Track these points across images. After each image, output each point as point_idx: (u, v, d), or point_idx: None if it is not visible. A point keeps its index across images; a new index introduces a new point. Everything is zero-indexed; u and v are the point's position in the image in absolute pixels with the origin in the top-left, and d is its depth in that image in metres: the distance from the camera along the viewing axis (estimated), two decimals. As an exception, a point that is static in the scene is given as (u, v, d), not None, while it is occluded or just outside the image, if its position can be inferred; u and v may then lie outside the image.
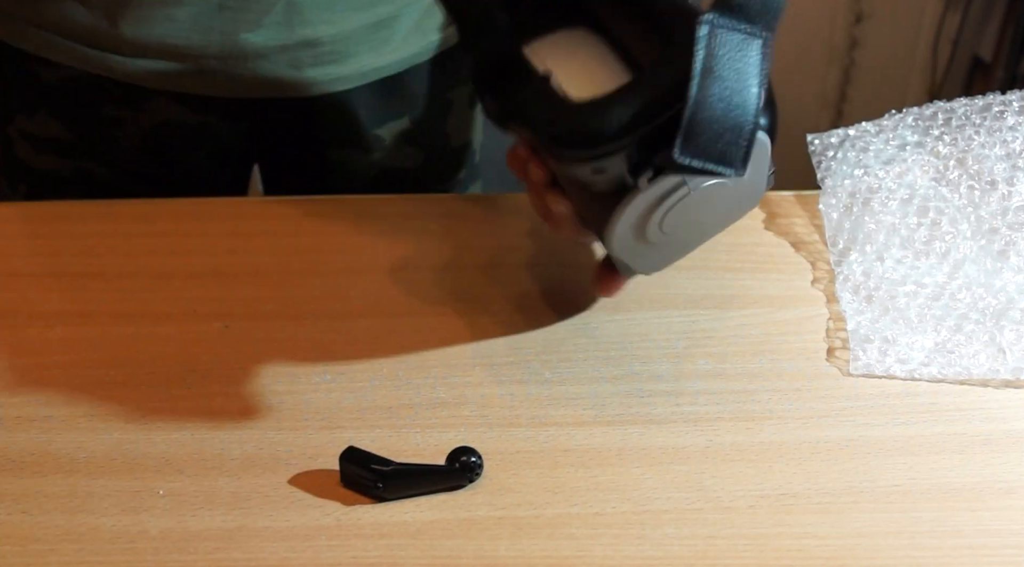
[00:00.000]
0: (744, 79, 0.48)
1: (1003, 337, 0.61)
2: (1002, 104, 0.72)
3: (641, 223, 0.55)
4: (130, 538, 0.50)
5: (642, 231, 0.55)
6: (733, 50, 0.48)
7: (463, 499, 0.52)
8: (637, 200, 0.53)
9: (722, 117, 0.47)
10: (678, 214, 0.54)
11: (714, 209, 0.56)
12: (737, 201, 0.57)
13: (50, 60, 0.75)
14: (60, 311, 0.63)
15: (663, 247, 0.57)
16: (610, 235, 0.55)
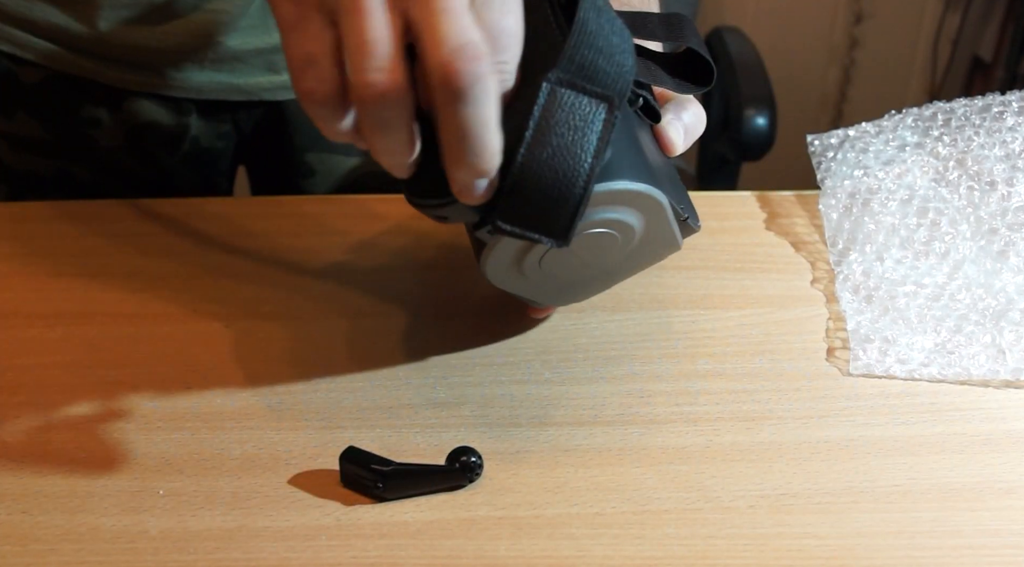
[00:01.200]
0: (580, 145, 0.45)
1: (1003, 338, 0.61)
2: (1002, 105, 0.72)
3: (515, 265, 0.54)
4: (130, 538, 0.50)
5: (519, 271, 0.54)
6: (574, 113, 0.45)
7: (463, 499, 0.52)
8: (496, 250, 0.52)
9: (549, 185, 0.45)
10: (555, 260, 0.53)
11: (606, 255, 0.54)
12: (640, 248, 0.55)
13: (28, 61, 0.75)
14: (60, 311, 0.63)
15: (556, 284, 0.56)
16: (484, 274, 0.54)
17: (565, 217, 0.46)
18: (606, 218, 0.51)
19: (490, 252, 0.53)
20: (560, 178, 0.45)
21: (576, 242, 0.52)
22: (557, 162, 0.45)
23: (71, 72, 0.76)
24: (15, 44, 0.75)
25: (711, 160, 1.44)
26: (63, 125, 0.79)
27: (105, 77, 0.76)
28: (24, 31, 0.74)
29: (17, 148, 0.80)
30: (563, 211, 0.46)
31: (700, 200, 0.74)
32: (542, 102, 0.45)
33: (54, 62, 0.75)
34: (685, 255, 0.69)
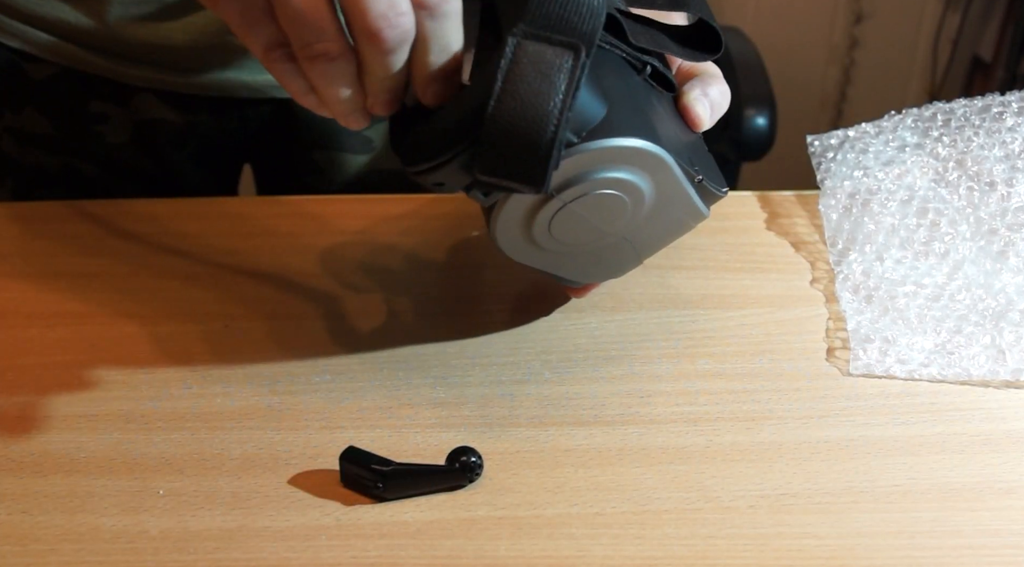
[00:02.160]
0: (548, 93, 0.46)
1: (1003, 339, 0.61)
2: (1001, 105, 0.72)
3: (526, 232, 0.54)
4: (130, 538, 0.50)
5: (532, 240, 0.55)
6: (540, 62, 0.46)
7: (463, 499, 0.52)
8: (501, 216, 0.53)
9: (520, 133, 0.46)
10: (567, 224, 0.54)
11: (623, 223, 0.54)
12: (659, 214, 0.55)
13: (36, 56, 0.75)
14: (60, 311, 0.63)
15: (575, 255, 0.57)
16: (496, 244, 0.55)
17: (538, 162, 0.47)
18: (608, 177, 0.51)
19: (496, 218, 0.53)
20: (530, 125, 0.46)
21: (582, 204, 0.52)
22: (526, 110, 0.46)
23: (79, 68, 0.76)
24: (24, 40, 0.75)
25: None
26: (70, 121, 0.79)
27: (113, 73, 0.76)
28: (33, 27, 0.74)
29: (24, 143, 0.80)
30: (535, 156, 0.47)
31: (700, 200, 0.74)
32: (509, 55, 0.46)
33: (62, 58, 0.75)
34: (685, 255, 0.69)
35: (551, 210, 0.53)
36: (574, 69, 0.46)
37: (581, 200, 0.52)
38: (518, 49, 0.46)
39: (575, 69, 0.46)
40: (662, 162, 0.52)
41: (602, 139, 0.50)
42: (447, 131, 0.48)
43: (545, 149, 0.46)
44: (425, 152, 0.49)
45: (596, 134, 0.50)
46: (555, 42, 0.46)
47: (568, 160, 0.50)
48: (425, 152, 0.49)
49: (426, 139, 0.49)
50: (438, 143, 0.48)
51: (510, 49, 0.46)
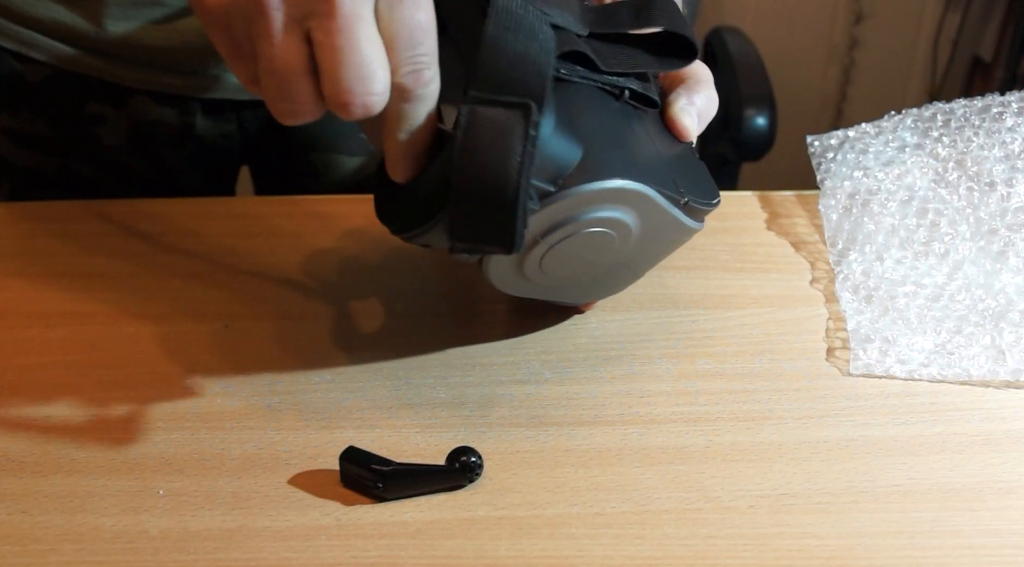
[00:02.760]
0: (504, 156, 0.46)
1: (1003, 339, 0.61)
2: (1001, 105, 0.72)
3: (517, 273, 0.55)
4: (130, 538, 0.50)
5: (523, 276, 0.55)
6: (492, 127, 0.46)
7: (463, 499, 0.52)
8: (491, 264, 0.54)
9: (484, 200, 0.47)
10: (555, 262, 0.54)
11: (609, 252, 0.55)
12: (650, 239, 0.56)
13: (33, 58, 0.75)
14: (60, 311, 0.63)
15: (570, 284, 0.57)
16: (490, 283, 0.56)
17: (507, 226, 0.47)
18: (593, 217, 0.52)
19: (487, 266, 0.55)
20: (492, 190, 0.47)
21: (569, 244, 0.53)
22: (487, 176, 0.46)
23: (76, 70, 0.76)
24: (20, 42, 0.75)
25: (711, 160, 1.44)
26: (67, 123, 0.79)
27: (110, 75, 0.76)
28: (30, 29, 0.74)
29: (21, 145, 0.80)
30: (503, 220, 0.47)
31: (700, 200, 0.74)
32: (463, 124, 0.46)
33: (59, 60, 0.75)
34: (685, 255, 0.69)
35: (539, 253, 0.53)
36: (527, 128, 0.46)
37: (568, 240, 0.53)
38: (471, 116, 0.46)
39: (527, 127, 0.46)
40: (644, 197, 0.52)
41: (581, 185, 0.50)
42: (423, 201, 0.49)
43: (510, 211, 0.47)
44: (406, 222, 0.51)
45: (575, 179, 0.50)
46: (504, 104, 0.46)
47: (549, 208, 0.50)
48: (406, 222, 0.51)
49: (405, 209, 0.51)
50: (416, 213, 0.50)
51: (464, 118, 0.46)
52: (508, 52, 0.47)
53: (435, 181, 0.49)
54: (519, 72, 0.47)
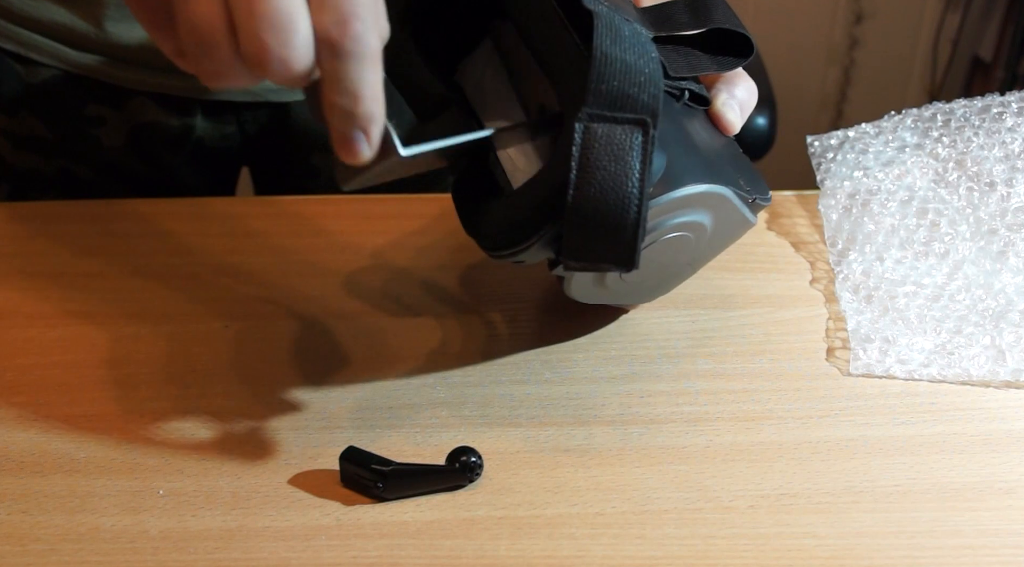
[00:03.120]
0: (624, 173, 0.46)
1: (1003, 339, 0.61)
2: (1001, 105, 0.72)
3: (597, 285, 0.56)
4: (130, 538, 0.50)
5: (602, 286, 0.56)
6: (611, 144, 0.46)
7: (463, 499, 0.52)
8: (575, 279, 0.55)
9: (603, 218, 0.47)
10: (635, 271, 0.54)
11: (681, 254, 0.56)
12: (716, 238, 0.57)
13: (32, 59, 0.75)
14: (60, 311, 0.63)
15: (640, 287, 0.58)
16: (571, 295, 0.56)
17: (627, 244, 0.48)
18: (675, 223, 0.53)
19: (570, 282, 0.55)
20: (612, 209, 0.47)
21: (651, 250, 0.53)
22: (606, 195, 0.46)
23: (75, 71, 0.76)
24: (19, 42, 0.75)
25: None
26: (66, 124, 0.79)
27: (110, 76, 0.76)
28: (28, 30, 0.74)
29: (20, 147, 0.80)
30: (623, 238, 0.47)
31: (700, 200, 0.74)
32: (579, 142, 0.46)
33: (58, 61, 0.75)
34: (685, 255, 0.69)
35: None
36: (645, 145, 0.46)
37: (651, 247, 0.53)
38: (586, 134, 0.46)
39: (646, 144, 0.46)
40: (723, 198, 0.53)
41: (668, 193, 0.51)
42: (526, 219, 0.49)
43: (632, 231, 0.47)
44: (505, 240, 0.50)
45: (661, 187, 0.50)
46: (621, 121, 0.46)
47: None
48: (505, 240, 0.50)
49: (504, 228, 0.50)
50: (518, 231, 0.49)
51: (579, 135, 0.46)
52: (621, 67, 0.47)
53: (538, 198, 0.49)
54: (632, 86, 0.46)
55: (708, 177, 0.52)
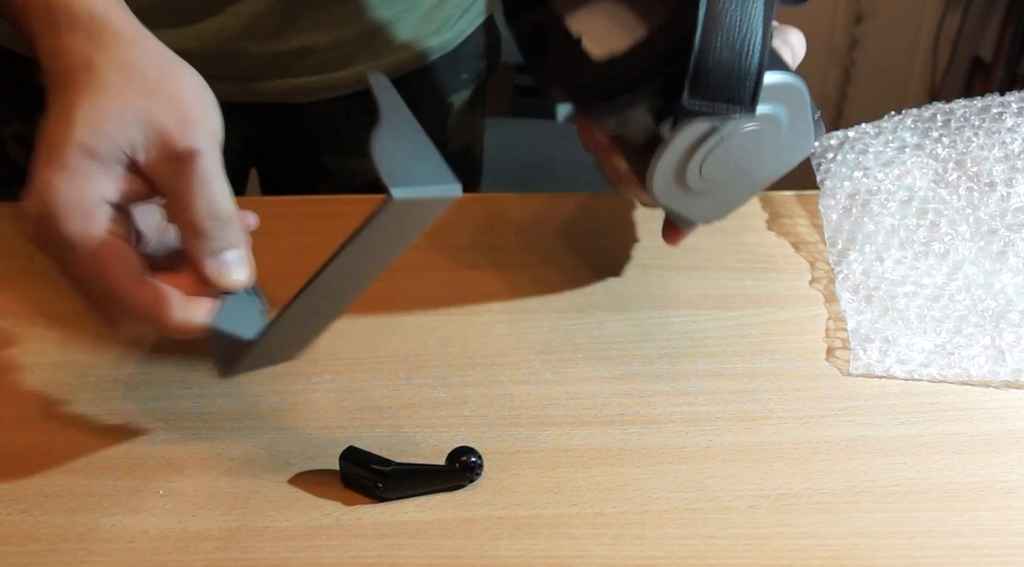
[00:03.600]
0: (747, 25, 0.51)
1: (1002, 339, 0.61)
2: (1001, 106, 0.72)
3: (680, 171, 0.57)
4: (130, 538, 0.50)
5: (683, 179, 0.58)
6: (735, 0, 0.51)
7: (463, 499, 0.52)
8: (669, 149, 0.56)
9: (727, 62, 0.51)
10: (716, 162, 0.57)
11: (756, 156, 0.58)
12: (782, 147, 0.59)
13: None
14: (60, 311, 0.63)
15: (710, 194, 0.60)
16: (651, 184, 0.58)
17: (749, 87, 0.52)
18: (759, 113, 0.55)
19: (658, 160, 0.56)
20: (737, 53, 0.51)
21: (733, 141, 0.56)
22: (732, 40, 0.51)
23: None
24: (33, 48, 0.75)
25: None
26: None
27: None
28: None
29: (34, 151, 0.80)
30: (746, 82, 0.52)
31: (700, 200, 0.74)
32: None
33: None
34: (685, 255, 0.69)
35: (708, 148, 0.56)
36: (767, 2, 0.51)
37: (734, 137, 0.56)
38: None
39: (768, 2, 0.51)
40: (801, 95, 0.57)
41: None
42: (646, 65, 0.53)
43: (754, 74, 0.52)
44: (612, 91, 0.54)
45: None
46: None
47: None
48: (612, 91, 0.54)
49: (607, 81, 0.54)
50: (633, 78, 0.53)
51: None
52: None
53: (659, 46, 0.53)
54: None
55: (786, 71, 0.56)
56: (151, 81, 0.48)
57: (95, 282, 0.47)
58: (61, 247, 0.46)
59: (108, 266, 0.46)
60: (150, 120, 0.47)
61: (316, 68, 0.77)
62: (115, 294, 0.47)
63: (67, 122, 0.46)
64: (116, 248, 0.47)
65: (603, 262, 0.68)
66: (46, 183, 0.46)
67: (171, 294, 0.47)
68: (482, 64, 0.88)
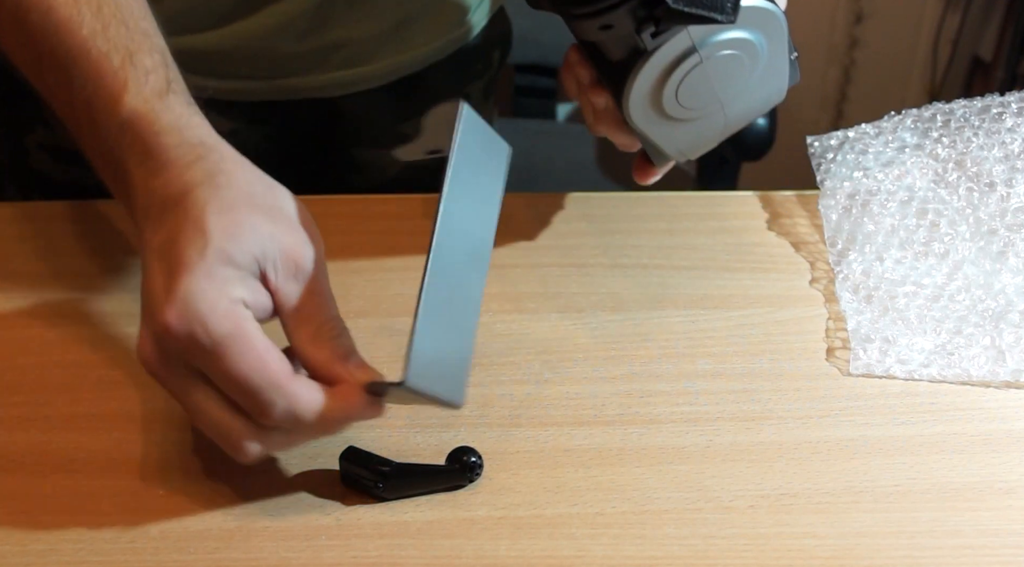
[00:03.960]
0: None
1: (1002, 340, 0.61)
2: (1000, 106, 0.72)
3: (656, 93, 0.58)
4: (130, 538, 0.50)
5: (659, 102, 0.58)
6: None
7: (463, 499, 0.52)
8: (648, 65, 0.57)
9: None
10: (693, 85, 0.58)
11: (733, 85, 0.59)
12: (759, 83, 0.60)
13: None
14: (60, 311, 0.63)
15: (685, 124, 0.61)
16: (627, 103, 0.58)
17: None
18: (737, 37, 0.57)
19: (636, 75, 0.57)
20: None
21: (711, 64, 0.57)
22: None
23: None
24: None
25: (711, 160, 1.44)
26: None
27: None
28: None
29: (60, 160, 0.79)
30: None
31: (700, 200, 0.75)
32: None
33: None
34: (685, 255, 0.69)
35: (686, 69, 0.57)
36: None
37: (711, 60, 0.57)
38: None
39: None
40: (780, 27, 0.57)
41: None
42: None
43: None
44: None
45: None
46: None
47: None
48: None
49: None
50: None
51: None
52: None
53: None
54: None
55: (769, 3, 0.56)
56: (266, 200, 0.49)
57: (250, 382, 0.45)
58: (210, 353, 0.45)
59: (268, 362, 0.45)
60: (275, 237, 0.48)
61: (348, 62, 0.77)
62: (278, 388, 0.46)
63: (200, 233, 0.46)
64: (271, 345, 0.46)
65: (603, 262, 0.68)
66: (190, 291, 0.45)
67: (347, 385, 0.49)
68: (496, 54, 0.88)
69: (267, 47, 0.74)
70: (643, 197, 0.74)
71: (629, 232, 0.71)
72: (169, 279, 0.46)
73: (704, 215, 0.72)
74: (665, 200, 0.74)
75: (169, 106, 0.51)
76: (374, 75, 0.79)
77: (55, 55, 0.53)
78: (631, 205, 0.73)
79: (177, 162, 0.49)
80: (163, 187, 0.48)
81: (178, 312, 0.45)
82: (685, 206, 0.73)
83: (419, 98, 0.82)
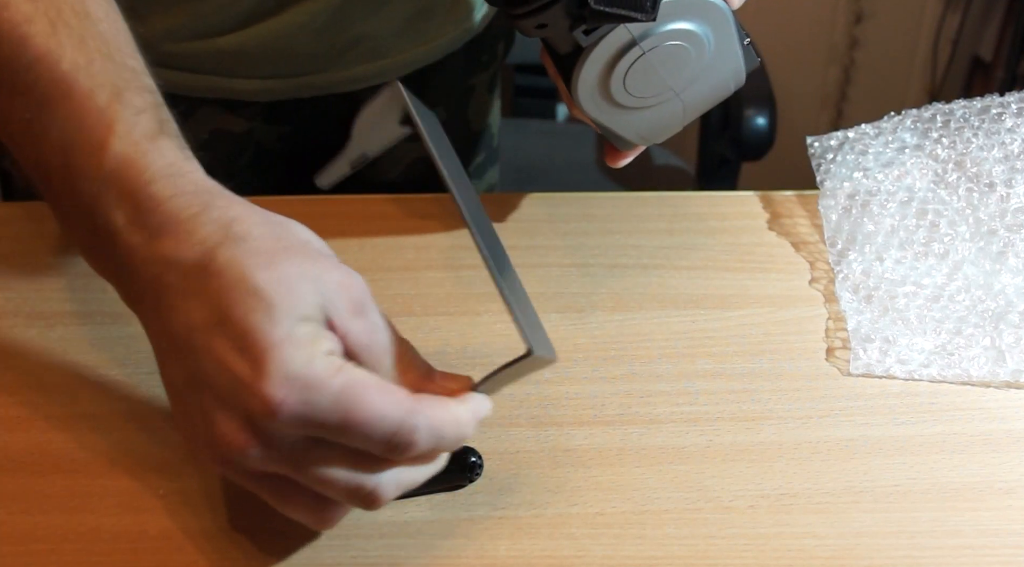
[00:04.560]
0: None
1: (1002, 340, 0.61)
2: (1000, 106, 0.72)
3: (603, 84, 0.59)
4: (130, 538, 0.50)
5: (607, 93, 0.59)
6: None
7: (463, 499, 0.52)
8: (589, 60, 0.58)
9: None
10: (639, 76, 0.59)
11: (683, 75, 0.60)
12: (711, 70, 0.61)
13: None
14: (60, 311, 0.63)
15: (640, 112, 0.62)
16: (576, 96, 0.59)
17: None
18: (678, 28, 0.57)
19: (581, 68, 0.58)
20: None
21: (655, 54, 0.58)
22: None
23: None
24: None
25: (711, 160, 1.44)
26: None
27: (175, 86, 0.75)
28: None
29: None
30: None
31: (700, 200, 0.75)
32: None
33: None
34: (685, 255, 0.69)
35: (629, 61, 0.58)
36: None
37: (655, 51, 0.58)
38: None
39: None
40: (724, 16, 0.59)
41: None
42: None
43: None
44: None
45: None
46: None
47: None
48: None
49: None
50: None
51: None
52: None
53: None
54: None
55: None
56: (291, 239, 0.45)
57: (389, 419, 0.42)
58: (333, 411, 0.41)
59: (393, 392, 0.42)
60: (324, 278, 0.43)
61: (367, 56, 0.77)
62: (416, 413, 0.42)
63: (257, 298, 0.41)
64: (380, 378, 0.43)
65: (603, 262, 0.68)
66: (284, 361, 0.40)
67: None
68: (500, 45, 0.88)
69: (289, 46, 0.74)
70: (643, 197, 0.74)
71: (629, 232, 0.71)
72: (246, 357, 0.41)
73: (704, 215, 0.72)
74: (665, 200, 0.74)
75: (161, 151, 0.46)
76: (391, 68, 0.79)
77: (29, 94, 0.46)
78: (631, 205, 0.73)
79: (179, 216, 0.44)
80: (174, 252, 0.43)
81: (283, 387, 0.40)
82: (685, 206, 0.73)
83: (432, 90, 0.82)
